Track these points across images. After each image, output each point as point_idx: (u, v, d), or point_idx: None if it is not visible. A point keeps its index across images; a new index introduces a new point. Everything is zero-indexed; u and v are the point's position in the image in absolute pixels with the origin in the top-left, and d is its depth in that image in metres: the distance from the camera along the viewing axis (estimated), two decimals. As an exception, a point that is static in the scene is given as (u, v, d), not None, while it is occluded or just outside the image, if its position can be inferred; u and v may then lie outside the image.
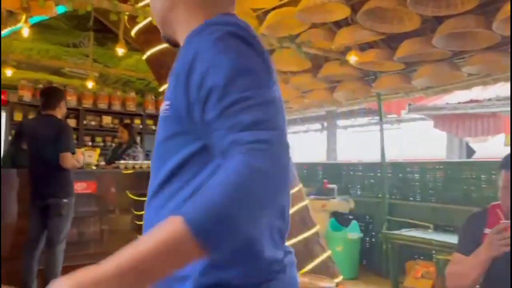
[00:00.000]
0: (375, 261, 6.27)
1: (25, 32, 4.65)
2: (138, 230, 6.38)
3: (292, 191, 4.26)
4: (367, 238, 6.51)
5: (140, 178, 6.47)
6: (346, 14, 4.40)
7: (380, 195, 6.28)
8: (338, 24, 4.99)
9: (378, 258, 6.06)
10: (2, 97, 7.50)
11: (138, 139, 7.64)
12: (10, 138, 7.50)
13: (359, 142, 12.57)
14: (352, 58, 4.52)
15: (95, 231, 5.61)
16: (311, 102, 6.83)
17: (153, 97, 9.06)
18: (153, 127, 9.03)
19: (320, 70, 5.61)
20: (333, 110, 10.64)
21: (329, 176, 7.29)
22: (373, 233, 6.44)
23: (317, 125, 13.58)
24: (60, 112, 4.34)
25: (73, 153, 4.26)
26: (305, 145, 14.05)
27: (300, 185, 4.50)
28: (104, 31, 8.49)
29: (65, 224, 4.27)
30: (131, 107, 8.72)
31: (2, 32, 6.85)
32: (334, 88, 6.11)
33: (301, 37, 4.97)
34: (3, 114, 7.52)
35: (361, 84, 5.73)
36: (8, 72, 6.07)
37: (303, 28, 4.96)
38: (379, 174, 6.46)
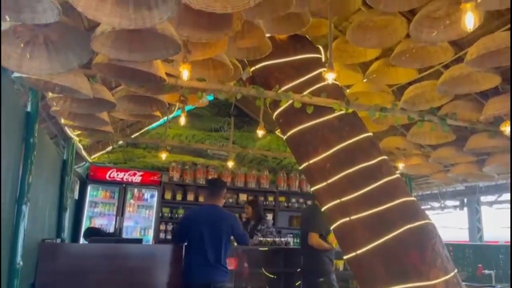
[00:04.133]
0: None
1: (182, 121, 5.26)
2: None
3: (446, 277, 3.87)
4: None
5: (275, 255, 6.52)
6: (496, 83, 4.16)
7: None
8: (485, 94, 4.71)
9: None
10: (156, 178, 8.45)
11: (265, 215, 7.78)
12: (160, 215, 8.31)
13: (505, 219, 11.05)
14: (507, 129, 4.16)
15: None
16: (455, 177, 6.34)
17: (285, 175, 9.34)
18: (285, 204, 9.21)
19: (465, 142, 5.26)
20: (475, 185, 9.68)
21: (480, 259, 6.48)
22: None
23: (455, 202, 12.38)
24: (221, 202, 4.71)
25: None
26: (443, 222, 12.85)
27: (455, 271, 4.05)
28: (241, 115, 9.28)
29: None
30: (265, 184, 9.09)
31: (159, 121, 7.88)
32: (482, 161, 5.63)
33: (444, 109, 4.78)
34: (156, 194, 8.40)
35: (516, 156, 5.18)
36: (163, 156, 6.87)
37: (445, 101, 4.79)
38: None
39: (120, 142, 8.22)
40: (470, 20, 2.28)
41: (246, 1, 2.55)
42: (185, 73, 3.47)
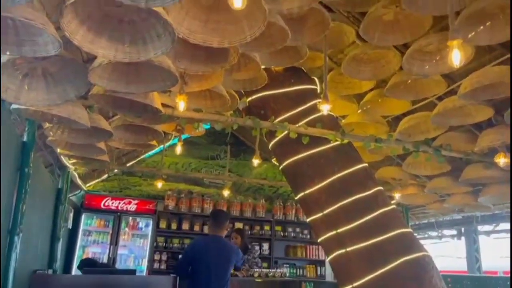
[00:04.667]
0: None
1: (179, 150, 5.27)
2: None
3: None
4: None
5: (271, 287, 6.41)
6: (489, 116, 4.21)
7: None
8: (479, 125, 4.76)
9: None
10: (151, 206, 8.39)
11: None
12: (154, 244, 8.20)
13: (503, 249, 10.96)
14: (502, 160, 4.19)
15: None
16: (451, 207, 6.32)
17: (281, 203, 9.29)
18: (282, 233, 9.12)
19: (460, 173, 5.27)
20: (472, 215, 9.65)
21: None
22: None
23: (452, 231, 12.28)
24: (224, 233, 4.65)
25: None
26: (440, 251, 12.73)
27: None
28: (237, 144, 9.30)
29: None
30: (261, 213, 9.02)
31: (156, 149, 7.86)
32: (477, 192, 5.64)
33: (438, 140, 4.82)
34: (150, 222, 8.31)
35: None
36: (159, 184, 6.84)
37: (440, 132, 4.84)
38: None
39: (116, 170, 8.19)
40: (456, 58, 2.33)
41: (242, 36, 2.61)
42: (181, 104, 3.50)
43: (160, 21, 2.38)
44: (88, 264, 5.61)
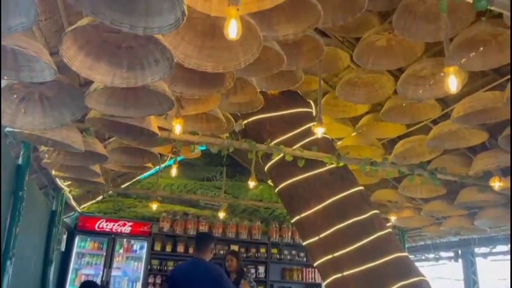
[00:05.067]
0: None
1: (174, 172, 5.27)
2: None
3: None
4: None
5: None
6: (483, 139, 4.25)
7: None
8: (473, 149, 4.79)
9: None
10: (145, 228, 8.30)
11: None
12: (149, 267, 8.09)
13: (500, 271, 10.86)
14: (497, 184, 4.21)
15: None
16: (447, 230, 6.31)
17: (277, 225, 9.22)
18: (278, 256, 9.03)
19: (456, 195, 5.28)
20: (469, 237, 9.61)
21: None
22: None
23: (449, 253, 12.20)
24: (208, 256, 4.60)
25: None
26: (438, 273, 12.58)
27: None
28: (233, 165, 9.29)
29: None
30: (257, 235, 8.94)
31: (151, 170, 7.85)
32: (473, 214, 5.64)
33: (433, 164, 4.84)
34: (145, 245, 8.21)
35: (507, 211, 5.19)
36: (154, 206, 6.79)
37: (435, 155, 4.87)
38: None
39: (111, 192, 8.14)
40: (453, 83, 2.37)
41: (237, 62, 2.65)
42: (177, 128, 3.51)
43: (158, 47, 2.41)
44: (88, 287, 5.50)
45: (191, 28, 2.68)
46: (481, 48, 3.24)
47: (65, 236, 7.20)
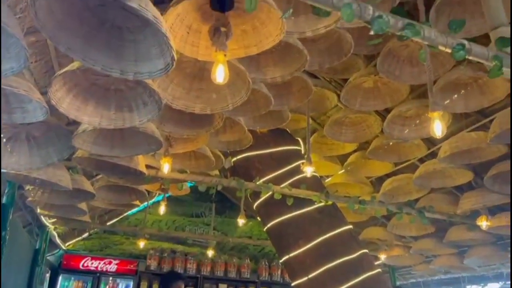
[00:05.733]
0: None
1: (162, 210, 5.21)
2: None
3: None
4: None
5: None
6: (469, 179, 4.30)
7: None
8: (460, 187, 4.83)
9: None
10: (132, 266, 8.10)
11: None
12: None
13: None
14: (484, 223, 4.23)
15: None
16: (437, 268, 6.26)
17: (266, 263, 9.06)
18: (267, 296, 8.83)
19: (445, 233, 5.28)
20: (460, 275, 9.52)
21: None
22: None
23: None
24: None
25: None
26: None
27: None
28: (222, 201, 9.21)
29: None
30: (246, 274, 8.76)
31: (139, 207, 7.74)
32: (463, 253, 5.62)
33: (421, 202, 4.86)
34: (131, 284, 8.00)
35: (496, 249, 5.20)
36: (141, 244, 6.66)
37: (423, 193, 4.90)
38: None
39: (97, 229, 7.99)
40: (438, 128, 2.41)
41: (225, 104, 2.69)
42: (165, 167, 3.51)
43: (146, 90, 2.44)
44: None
45: (180, 71, 2.73)
46: (463, 91, 3.33)
47: (48, 275, 6.99)
